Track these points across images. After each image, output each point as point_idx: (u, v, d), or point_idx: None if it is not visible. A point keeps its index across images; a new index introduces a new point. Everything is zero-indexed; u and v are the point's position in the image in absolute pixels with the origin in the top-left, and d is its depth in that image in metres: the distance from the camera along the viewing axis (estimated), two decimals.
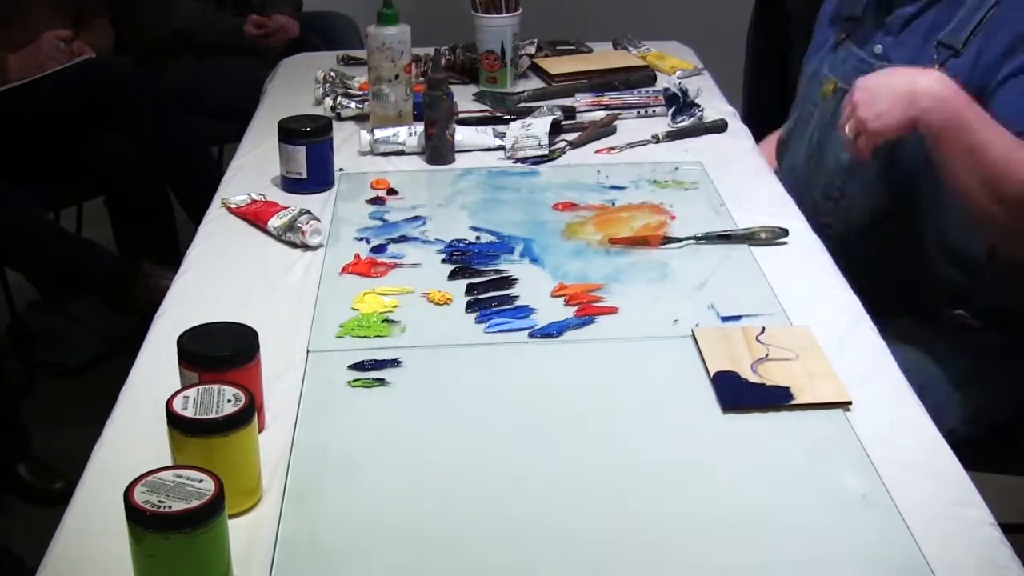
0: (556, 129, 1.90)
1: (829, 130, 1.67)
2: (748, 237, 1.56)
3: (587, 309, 1.38)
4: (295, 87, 2.24)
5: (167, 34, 2.92)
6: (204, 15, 2.96)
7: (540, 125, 1.87)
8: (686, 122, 1.99)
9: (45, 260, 2.47)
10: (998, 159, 1.38)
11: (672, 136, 1.94)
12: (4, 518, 2.27)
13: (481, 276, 1.47)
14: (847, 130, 1.49)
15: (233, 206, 1.66)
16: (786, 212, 1.64)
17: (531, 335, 1.33)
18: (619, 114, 2.01)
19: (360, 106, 2.05)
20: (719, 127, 1.98)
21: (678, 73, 2.26)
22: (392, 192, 1.73)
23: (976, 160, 1.39)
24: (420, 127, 1.86)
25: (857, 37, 1.69)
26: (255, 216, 1.62)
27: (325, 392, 1.23)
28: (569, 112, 2.02)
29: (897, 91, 1.44)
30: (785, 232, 1.57)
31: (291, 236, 1.56)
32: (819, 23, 1.83)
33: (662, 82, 2.19)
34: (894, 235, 1.61)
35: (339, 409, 1.21)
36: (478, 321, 1.37)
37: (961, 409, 1.53)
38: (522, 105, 2.08)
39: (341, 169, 1.81)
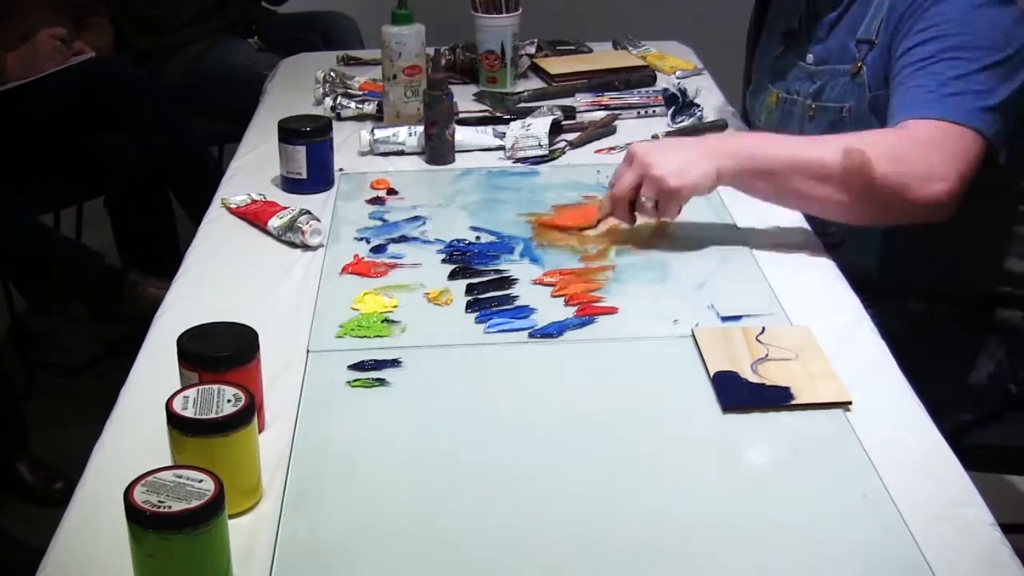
0: (556, 129, 1.90)
1: None
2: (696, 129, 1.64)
3: (587, 309, 1.38)
4: (295, 87, 2.24)
5: (176, 20, 2.92)
6: None
7: (540, 125, 1.87)
8: (686, 122, 1.99)
9: (31, 264, 2.47)
10: (811, 154, 1.44)
11: (672, 136, 1.94)
12: (4, 518, 2.27)
13: (481, 276, 1.47)
14: (643, 198, 1.47)
15: (233, 206, 1.67)
16: (786, 212, 1.64)
17: (531, 335, 1.33)
18: (619, 114, 2.01)
19: (360, 106, 2.04)
20: (719, 127, 1.98)
21: (678, 73, 2.26)
22: (392, 192, 1.73)
23: (795, 174, 1.44)
24: (420, 127, 1.86)
25: (794, 49, 1.74)
26: (255, 216, 1.62)
27: (325, 392, 1.23)
28: (569, 112, 2.03)
29: (686, 151, 1.48)
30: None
31: (291, 236, 1.56)
32: (763, 39, 1.88)
33: (662, 82, 2.19)
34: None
35: (339, 409, 1.21)
36: (478, 321, 1.37)
37: (952, 406, 1.54)
38: (522, 105, 2.08)
39: (341, 169, 1.81)
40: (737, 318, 1.36)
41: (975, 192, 1.49)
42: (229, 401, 1.01)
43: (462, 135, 1.87)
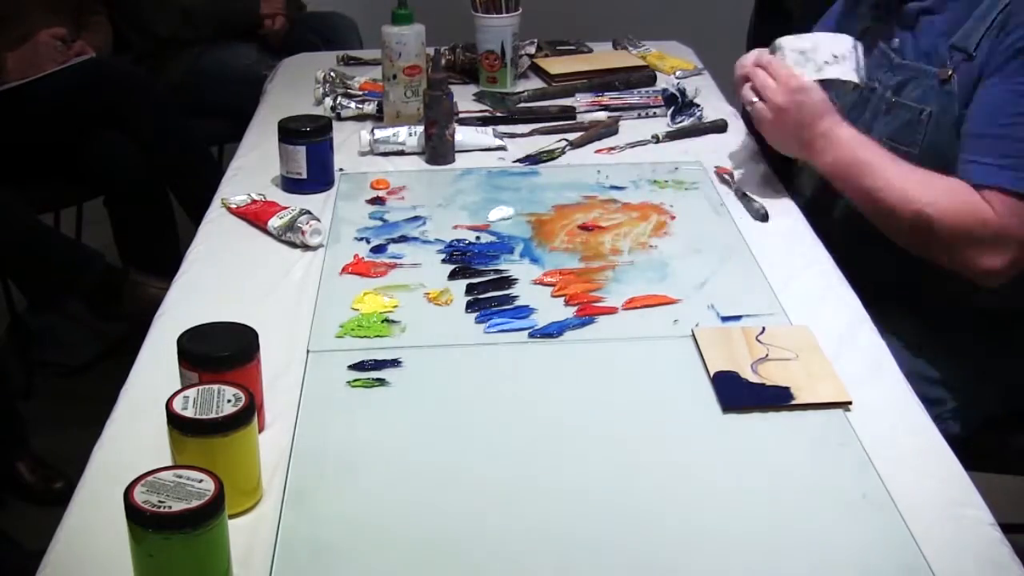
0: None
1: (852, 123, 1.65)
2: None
3: (587, 309, 1.38)
4: (295, 87, 2.24)
5: (173, 20, 2.91)
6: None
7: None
8: (686, 122, 1.99)
9: (32, 264, 2.47)
10: (890, 199, 1.48)
11: (672, 136, 1.94)
12: (4, 517, 2.27)
13: (481, 276, 1.47)
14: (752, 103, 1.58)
15: (233, 206, 1.67)
16: (786, 211, 1.64)
17: (531, 335, 1.33)
18: (621, 116, 2.01)
19: (360, 106, 2.05)
20: (719, 127, 1.98)
21: (678, 73, 2.26)
22: (392, 192, 1.73)
23: (867, 203, 1.52)
24: (420, 127, 1.86)
25: (881, 28, 1.65)
26: (255, 216, 1.62)
27: (325, 392, 1.23)
28: (569, 112, 2.03)
29: (793, 131, 1.56)
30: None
31: (291, 236, 1.56)
32: (843, 12, 1.78)
33: (662, 82, 2.19)
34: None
35: (339, 409, 1.21)
36: (478, 321, 1.37)
37: (951, 406, 1.54)
38: (522, 105, 2.08)
39: (341, 169, 1.81)
40: (737, 318, 1.36)
41: None
42: (229, 401, 1.01)
43: (462, 135, 1.87)
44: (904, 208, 1.46)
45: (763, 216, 1.61)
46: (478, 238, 1.58)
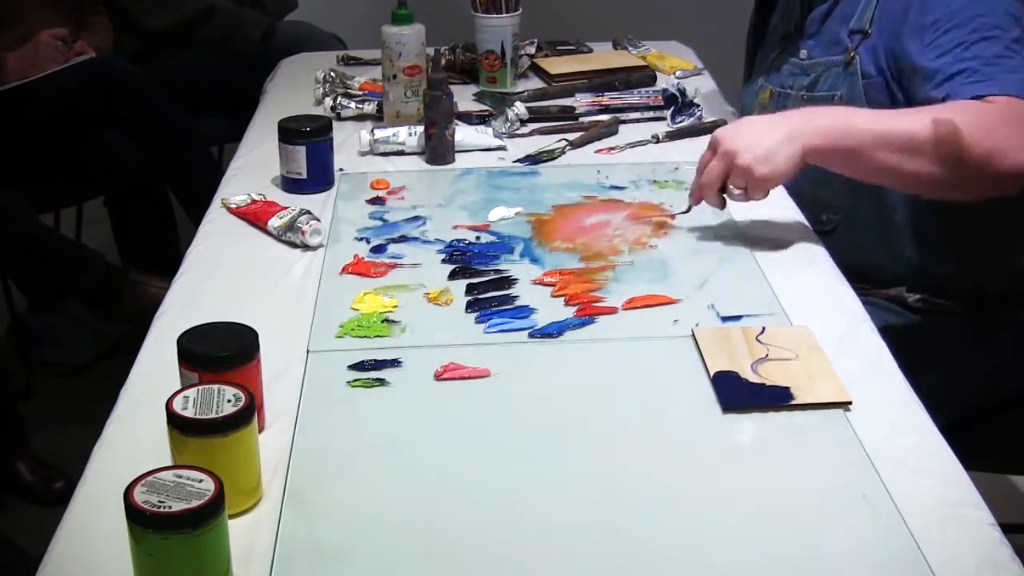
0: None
1: None
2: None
3: (587, 309, 1.38)
4: (295, 87, 2.24)
5: (175, 19, 2.92)
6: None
7: None
8: (686, 122, 1.99)
9: (32, 264, 2.47)
10: (900, 127, 1.42)
11: (672, 136, 1.94)
12: (4, 517, 2.28)
13: (481, 276, 1.47)
14: (731, 186, 1.47)
15: (233, 206, 1.67)
16: (786, 211, 1.64)
17: (531, 335, 1.33)
18: (620, 117, 2.01)
19: (360, 106, 2.05)
20: (719, 127, 1.97)
21: (678, 73, 2.26)
22: (392, 192, 1.73)
23: (884, 149, 1.42)
24: (420, 127, 1.86)
25: (790, 50, 1.75)
26: (255, 216, 1.62)
27: (325, 392, 1.23)
28: (568, 112, 2.03)
29: (769, 134, 1.45)
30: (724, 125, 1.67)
31: (291, 236, 1.56)
32: (760, 51, 1.90)
33: (662, 82, 2.19)
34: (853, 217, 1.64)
35: (339, 409, 1.21)
36: (478, 321, 1.37)
37: (932, 394, 1.55)
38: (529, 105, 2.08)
39: (341, 169, 1.81)
40: (737, 318, 1.36)
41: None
42: (229, 401, 1.01)
43: (462, 135, 1.87)
44: (923, 131, 1.40)
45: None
46: (478, 238, 1.58)
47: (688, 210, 1.58)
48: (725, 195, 1.50)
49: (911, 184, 1.47)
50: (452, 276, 1.47)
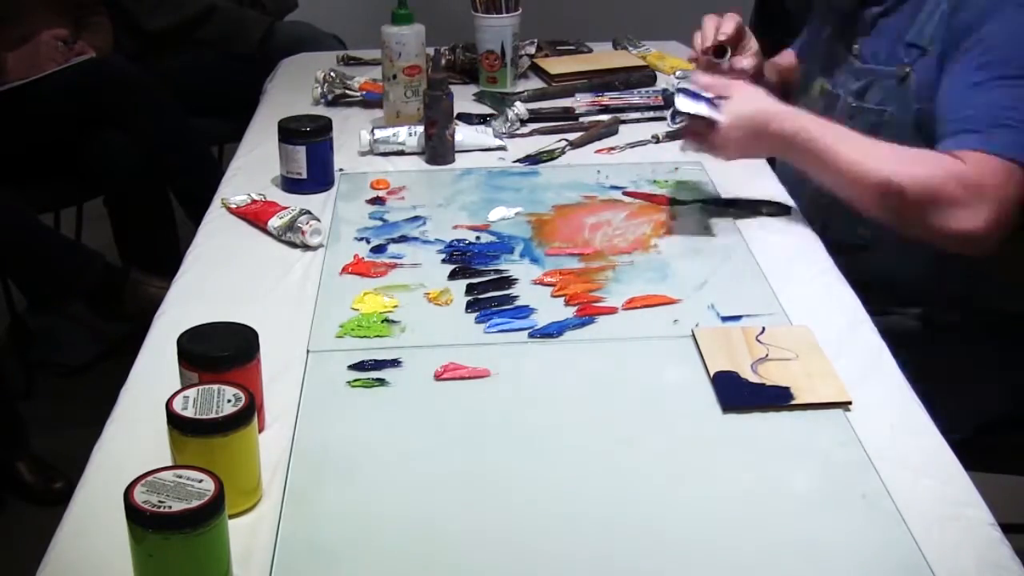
0: None
1: None
2: (751, 208, 1.64)
3: (587, 309, 1.38)
4: (295, 87, 2.24)
5: (175, 19, 2.92)
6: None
7: None
8: (686, 122, 1.99)
9: (32, 264, 2.46)
10: (846, 188, 1.48)
11: (672, 136, 1.94)
12: (4, 517, 2.28)
13: (481, 276, 1.47)
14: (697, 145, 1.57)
15: (233, 206, 1.67)
16: (786, 210, 1.64)
17: (531, 335, 1.33)
18: (620, 117, 2.01)
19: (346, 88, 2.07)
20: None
21: (678, 73, 2.26)
22: (392, 192, 1.73)
23: (834, 185, 1.49)
24: (420, 127, 1.86)
25: (844, 33, 1.69)
26: (255, 216, 1.62)
27: (325, 392, 1.23)
28: (568, 112, 2.03)
29: (753, 143, 1.55)
30: (788, 209, 1.63)
31: (291, 236, 1.56)
32: (809, 25, 1.84)
33: (662, 82, 2.19)
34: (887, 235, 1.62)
35: (339, 409, 1.21)
36: (478, 321, 1.37)
37: (952, 411, 1.54)
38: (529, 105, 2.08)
39: (341, 169, 1.81)
40: (737, 318, 1.36)
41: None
42: (229, 401, 1.01)
43: (462, 135, 1.87)
44: (871, 177, 1.43)
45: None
46: (478, 238, 1.58)
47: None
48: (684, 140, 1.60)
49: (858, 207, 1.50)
50: (452, 276, 1.47)
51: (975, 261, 1.51)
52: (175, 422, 1.00)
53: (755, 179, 1.77)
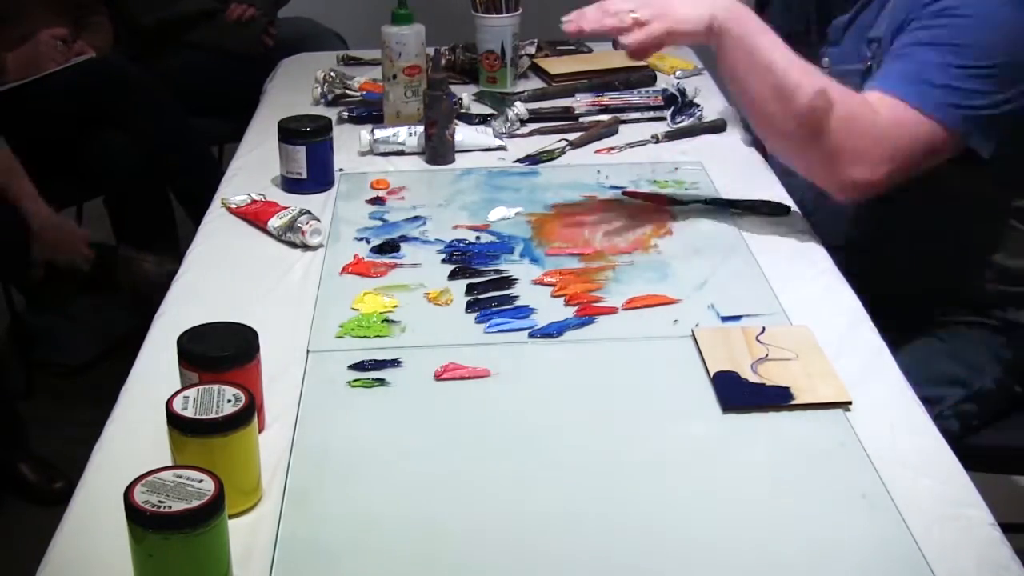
0: None
1: None
2: (751, 208, 1.62)
3: (587, 309, 1.38)
4: (295, 87, 2.24)
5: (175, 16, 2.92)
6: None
7: None
8: (685, 122, 1.99)
9: (20, 257, 2.45)
10: (793, 74, 1.44)
11: (672, 136, 1.94)
12: (4, 517, 2.28)
13: (481, 276, 1.47)
14: (632, 15, 1.46)
15: (233, 206, 1.67)
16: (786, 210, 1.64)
17: (531, 335, 1.33)
18: (619, 117, 2.01)
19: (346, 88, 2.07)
20: (718, 127, 1.98)
21: (678, 73, 2.26)
22: (392, 192, 1.73)
23: (768, 75, 1.45)
24: (420, 127, 1.86)
25: (805, 53, 1.71)
26: (255, 216, 1.62)
27: (325, 392, 1.23)
28: (568, 112, 2.03)
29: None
30: (787, 209, 1.62)
31: (291, 236, 1.56)
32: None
33: (662, 82, 2.19)
34: (881, 227, 1.62)
35: (339, 409, 1.21)
36: (478, 321, 1.37)
37: (951, 404, 1.55)
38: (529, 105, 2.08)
39: (341, 169, 1.81)
40: (737, 318, 1.36)
41: (978, 192, 1.49)
42: (229, 401, 1.01)
43: (462, 135, 1.87)
44: (804, 90, 1.43)
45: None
46: (478, 238, 1.58)
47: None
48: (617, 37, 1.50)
49: (762, 124, 1.50)
50: (452, 276, 1.47)
51: (961, 254, 1.54)
52: (175, 422, 1.00)
53: (755, 179, 1.77)
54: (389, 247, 1.55)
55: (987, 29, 1.44)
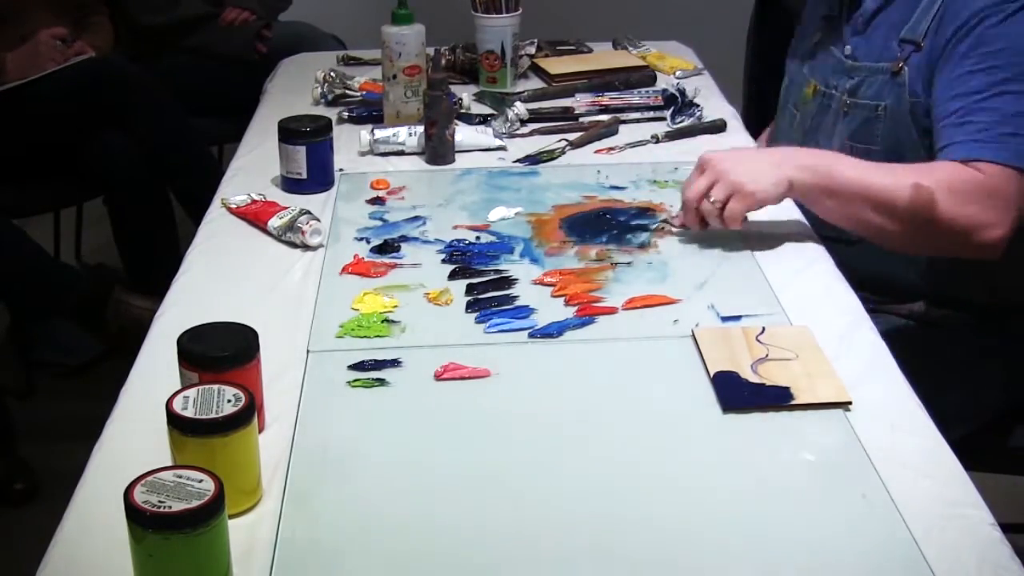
0: None
1: (812, 133, 1.69)
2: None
3: (587, 309, 1.38)
4: (295, 87, 2.24)
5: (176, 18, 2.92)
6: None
7: None
8: (686, 122, 1.99)
9: (13, 283, 2.45)
10: (882, 183, 1.44)
11: (672, 136, 1.94)
12: (4, 517, 2.28)
13: (481, 276, 1.47)
14: (711, 199, 1.47)
15: (233, 206, 1.67)
16: (786, 211, 1.64)
17: (531, 335, 1.33)
18: (620, 117, 2.01)
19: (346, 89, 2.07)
20: (718, 127, 1.98)
21: (678, 73, 2.26)
22: (392, 192, 1.73)
23: (861, 200, 1.45)
24: (420, 127, 1.86)
25: (833, 37, 1.70)
26: (255, 216, 1.62)
27: (325, 392, 1.23)
28: (568, 112, 2.03)
29: (758, 159, 1.51)
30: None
31: (291, 236, 1.56)
32: (800, 26, 1.85)
33: (662, 82, 2.19)
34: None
35: (339, 409, 1.21)
36: (478, 321, 1.37)
37: (951, 407, 1.55)
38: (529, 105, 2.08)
39: (341, 169, 1.81)
40: (737, 318, 1.36)
41: None
42: (229, 401, 1.01)
43: (462, 135, 1.87)
44: (901, 192, 1.42)
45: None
46: (478, 238, 1.58)
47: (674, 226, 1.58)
48: (704, 216, 1.50)
49: (881, 238, 1.49)
50: (452, 276, 1.47)
51: (962, 259, 1.53)
52: (175, 422, 1.00)
53: None
54: (389, 247, 1.55)
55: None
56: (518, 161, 1.85)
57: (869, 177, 1.45)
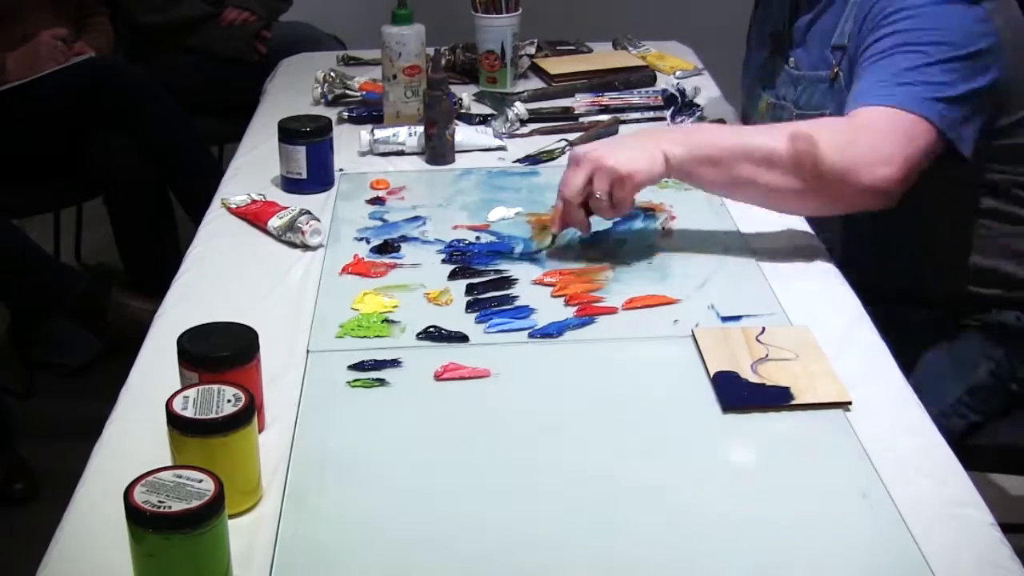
0: None
1: None
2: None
3: (587, 309, 1.38)
4: (295, 87, 2.24)
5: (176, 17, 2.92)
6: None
7: None
8: (685, 122, 1.99)
9: (13, 283, 2.45)
10: (760, 140, 1.44)
11: None
12: (4, 517, 2.28)
13: (481, 276, 1.47)
14: (596, 193, 1.44)
15: (233, 206, 1.67)
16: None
17: (531, 335, 1.33)
18: (619, 117, 2.01)
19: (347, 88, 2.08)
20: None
21: (678, 73, 2.26)
22: (392, 192, 1.73)
23: (744, 159, 1.43)
24: (420, 127, 1.86)
25: (781, 53, 1.74)
26: (255, 216, 1.62)
27: (325, 392, 1.23)
28: (568, 112, 2.03)
29: (630, 144, 1.48)
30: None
31: (291, 236, 1.56)
32: (748, 47, 1.89)
33: (662, 82, 2.19)
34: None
35: (339, 409, 1.21)
36: (478, 321, 1.37)
37: (949, 403, 1.55)
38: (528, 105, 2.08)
39: (341, 169, 1.81)
40: (737, 318, 1.36)
41: (948, 193, 1.50)
42: (229, 401, 1.01)
43: (462, 135, 1.87)
44: (780, 144, 1.41)
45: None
46: (478, 238, 1.58)
47: (552, 243, 1.51)
48: (591, 209, 1.47)
49: (774, 198, 1.48)
50: (452, 276, 1.47)
51: (921, 253, 1.55)
52: (175, 422, 1.00)
53: None
54: (389, 247, 1.55)
55: (938, 23, 1.45)
56: (518, 161, 1.85)
57: (746, 137, 1.46)
